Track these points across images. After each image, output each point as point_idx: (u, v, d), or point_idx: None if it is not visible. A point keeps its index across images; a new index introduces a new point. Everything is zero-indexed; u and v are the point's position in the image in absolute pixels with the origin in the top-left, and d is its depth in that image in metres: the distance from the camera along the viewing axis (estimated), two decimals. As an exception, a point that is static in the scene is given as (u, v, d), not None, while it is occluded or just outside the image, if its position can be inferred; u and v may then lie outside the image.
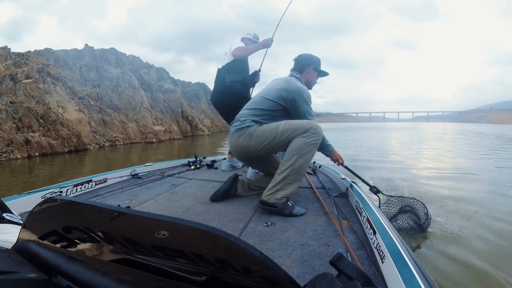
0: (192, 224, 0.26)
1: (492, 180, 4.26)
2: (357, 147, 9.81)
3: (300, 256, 0.91)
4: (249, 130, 1.41)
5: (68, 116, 11.27)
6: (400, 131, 27.05)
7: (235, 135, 1.46)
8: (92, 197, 1.58)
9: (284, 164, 1.32)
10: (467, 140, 13.37)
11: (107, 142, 12.53)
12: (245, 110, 1.51)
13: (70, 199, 0.33)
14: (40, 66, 12.48)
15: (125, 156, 10.08)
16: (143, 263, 0.32)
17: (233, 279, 0.28)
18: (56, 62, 15.46)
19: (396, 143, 12.61)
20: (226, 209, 1.40)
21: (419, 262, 0.71)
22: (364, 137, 16.68)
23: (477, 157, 7.10)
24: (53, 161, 8.01)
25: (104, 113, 14.04)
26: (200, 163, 2.61)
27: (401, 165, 5.87)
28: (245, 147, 1.44)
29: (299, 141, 1.32)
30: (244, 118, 1.45)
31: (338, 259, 0.26)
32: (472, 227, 2.45)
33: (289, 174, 1.30)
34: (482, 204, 3.06)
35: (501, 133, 20.29)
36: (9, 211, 0.72)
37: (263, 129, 1.39)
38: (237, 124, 1.46)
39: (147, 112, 16.55)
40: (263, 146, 1.38)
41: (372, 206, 1.14)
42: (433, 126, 45.59)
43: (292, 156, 1.31)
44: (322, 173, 2.21)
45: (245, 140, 1.42)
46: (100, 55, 18.71)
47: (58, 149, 9.50)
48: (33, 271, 0.29)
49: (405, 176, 4.55)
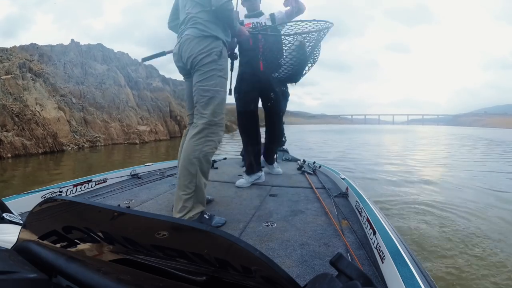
0: (192, 224, 0.26)
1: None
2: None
3: (300, 256, 0.91)
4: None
5: (46, 114, 10.49)
6: (397, 134, 26.77)
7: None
8: (92, 197, 1.58)
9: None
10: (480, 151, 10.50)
11: (87, 143, 11.68)
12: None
13: (70, 199, 0.33)
14: (21, 62, 11.69)
15: (106, 157, 9.25)
16: (143, 263, 0.32)
17: (233, 279, 0.28)
18: (41, 58, 14.53)
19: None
20: (226, 209, 1.40)
21: (419, 262, 0.71)
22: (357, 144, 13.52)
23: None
24: (27, 163, 7.37)
25: (86, 112, 13.12)
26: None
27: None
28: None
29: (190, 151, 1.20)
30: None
31: (338, 259, 0.26)
32: (472, 227, 2.46)
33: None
34: (482, 205, 3.10)
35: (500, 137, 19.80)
36: (9, 211, 0.72)
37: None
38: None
39: (132, 111, 15.63)
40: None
41: (372, 206, 1.14)
42: (429, 130, 45.54)
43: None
44: (322, 173, 2.21)
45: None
46: (86, 50, 17.61)
47: (32, 150, 8.80)
48: (33, 271, 0.29)
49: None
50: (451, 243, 2.11)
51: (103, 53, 18.42)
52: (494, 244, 2.10)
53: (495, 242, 2.14)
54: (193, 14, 1.22)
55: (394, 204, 3.11)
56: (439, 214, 2.77)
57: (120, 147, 12.31)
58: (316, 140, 15.96)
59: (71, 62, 15.80)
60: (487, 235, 2.25)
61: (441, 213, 2.78)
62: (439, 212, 2.81)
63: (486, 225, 2.47)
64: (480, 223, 2.53)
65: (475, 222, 2.54)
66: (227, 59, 1.31)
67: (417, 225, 2.48)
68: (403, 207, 2.99)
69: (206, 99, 1.21)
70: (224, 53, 1.26)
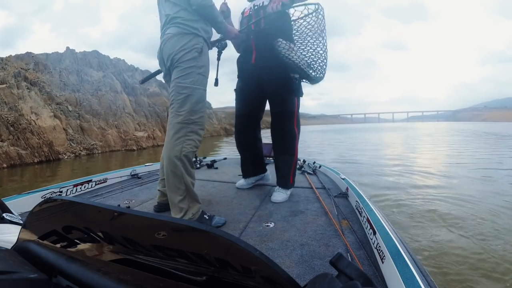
0: (192, 224, 0.26)
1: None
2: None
3: (300, 256, 0.91)
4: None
5: (41, 123, 10.41)
6: (397, 132, 26.34)
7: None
8: (92, 197, 1.58)
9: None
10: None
11: (84, 151, 11.52)
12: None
13: (70, 199, 0.33)
14: (16, 71, 11.74)
15: (103, 165, 9.08)
16: (143, 263, 0.32)
17: (233, 279, 0.28)
18: (36, 66, 14.53)
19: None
20: (226, 209, 1.40)
21: (419, 262, 0.71)
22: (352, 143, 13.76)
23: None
24: (23, 173, 7.14)
25: (82, 119, 13.00)
26: (200, 163, 2.61)
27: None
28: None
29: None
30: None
31: (338, 259, 0.26)
32: (471, 228, 2.45)
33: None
34: (482, 205, 3.07)
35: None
36: (9, 211, 0.72)
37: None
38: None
39: (129, 117, 15.49)
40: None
41: (372, 206, 1.14)
42: (430, 126, 44.95)
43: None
44: (322, 173, 2.21)
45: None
46: (82, 58, 17.63)
47: (27, 160, 8.71)
48: (33, 271, 0.29)
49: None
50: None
51: (98, 60, 18.39)
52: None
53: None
54: (173, 14, 1.20)
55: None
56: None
57: (117, 154, 12.11)
58: (316, 141, 15.77)
59: (67, 69, 15.76)
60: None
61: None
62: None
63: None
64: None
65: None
66: (208, 56, 1.26)
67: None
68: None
69: (183, 96, 1.17)
70: (205, 50, 1.23)
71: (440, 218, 2.67)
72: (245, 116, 1.71)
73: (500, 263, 1.83)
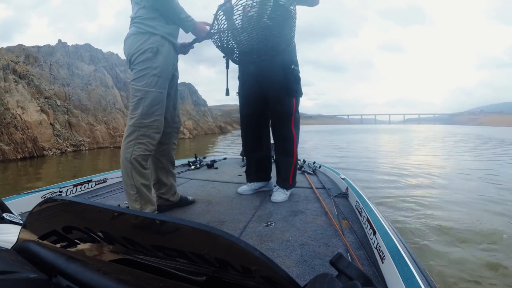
0: (192, 224, 0.26)
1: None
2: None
3: (300, 256, 0.91)
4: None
5: (27, 117, 9.93)
6: (395, 134, 25.79)
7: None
8: (92, 197, 1.58)
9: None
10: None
11: (71, 147, 10.98)
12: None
13: (70, 199, 0.33)
14: (5, 63, 11.13)
15: (89, 162, 8.55)
16: (143, 263, 0.32)
17: (233, 279, 0.28)
18: (26, 59, 13.87)
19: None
20: (227, 209, 1.40)
21: (419, 262, 0.71)
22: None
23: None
24: (5, 170, 6.77)
25: (71, 114, 12.41)
26: (200, 163, 2.61)
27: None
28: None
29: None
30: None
31: (338, 259, 0.26)
32: (472, 228, 2.45)
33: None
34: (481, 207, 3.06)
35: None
36: (9, 211, 0.72)
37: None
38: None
39: (119, 113, 14.84)
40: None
41: (372, 206, 1.14)
42: (427, 129, 44.34)
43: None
44: (322, 173, 2.21)
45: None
46: (74, 51, 16.77)
47: (10, 156, 8.34)
48: (33, 271, 0.29)
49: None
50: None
51: (90, 54, 17.65)
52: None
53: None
54: (133, 15, 1.18)
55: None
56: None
57: (106, 151, 11.55)
58: (311, 141, 15.36)
59: (57, 63, 15.06)
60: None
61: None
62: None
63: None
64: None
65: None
66: (166, 55, 1.19)
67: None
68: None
69: (136, 99, 1.16)
70: (163, 49, 1.17)
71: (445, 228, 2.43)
72: (248, 116, 1.69)
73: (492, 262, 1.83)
